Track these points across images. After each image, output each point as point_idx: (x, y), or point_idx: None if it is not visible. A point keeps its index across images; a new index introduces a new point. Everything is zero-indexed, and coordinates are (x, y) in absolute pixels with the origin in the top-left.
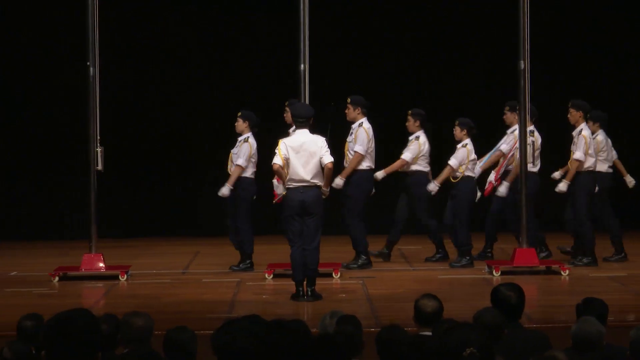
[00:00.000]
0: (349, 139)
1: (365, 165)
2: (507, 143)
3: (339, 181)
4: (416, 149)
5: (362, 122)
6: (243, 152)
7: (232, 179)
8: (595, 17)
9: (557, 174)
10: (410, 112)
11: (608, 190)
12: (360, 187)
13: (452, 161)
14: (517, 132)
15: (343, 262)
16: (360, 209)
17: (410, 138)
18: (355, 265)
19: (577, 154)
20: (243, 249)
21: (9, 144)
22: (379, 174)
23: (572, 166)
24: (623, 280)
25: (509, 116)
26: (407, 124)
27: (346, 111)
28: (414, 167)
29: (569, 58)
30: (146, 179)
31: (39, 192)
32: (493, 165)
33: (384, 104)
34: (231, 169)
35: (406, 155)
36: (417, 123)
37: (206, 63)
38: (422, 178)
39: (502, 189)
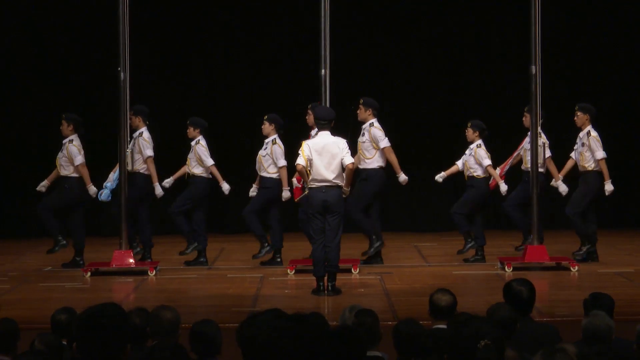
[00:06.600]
0: (361, 139)
1: (377, 164)
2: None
3: (403, 177)
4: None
5: (372, 122)
6: (280, 154)
7: (284, 181)
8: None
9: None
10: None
11: None
12: (369, 184)
13: (487, 161)
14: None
15: (361, 258)
16: (365, 204)
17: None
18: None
19: (599, 153)
20: (274, 245)
21: (36, 144)
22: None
23: (602, 166)
24: (630, 276)
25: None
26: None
27: (357, 111)
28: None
29: (577, 62)
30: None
31: None
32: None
33: (403, 107)
34: (260, 170)
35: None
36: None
37: (229, 68)
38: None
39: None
